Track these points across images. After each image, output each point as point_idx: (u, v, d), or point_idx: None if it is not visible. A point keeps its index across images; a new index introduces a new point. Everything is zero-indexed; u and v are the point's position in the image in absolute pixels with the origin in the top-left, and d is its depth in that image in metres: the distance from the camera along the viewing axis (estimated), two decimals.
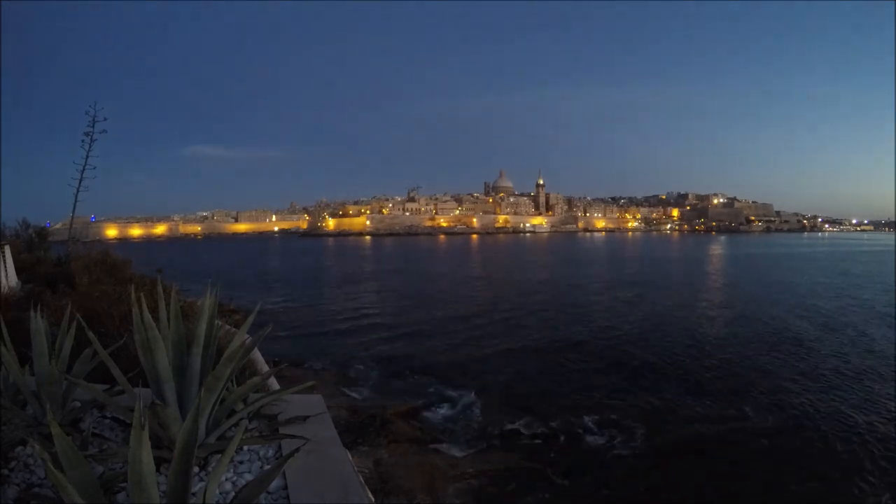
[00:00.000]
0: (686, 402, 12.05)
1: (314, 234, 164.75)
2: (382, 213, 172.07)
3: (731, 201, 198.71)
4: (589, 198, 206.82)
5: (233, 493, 1.76)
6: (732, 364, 15.12)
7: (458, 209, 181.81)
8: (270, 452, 2.09)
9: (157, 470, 1.35)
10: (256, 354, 5.09)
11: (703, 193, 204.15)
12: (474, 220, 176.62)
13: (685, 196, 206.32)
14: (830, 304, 26.23)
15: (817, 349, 16.87)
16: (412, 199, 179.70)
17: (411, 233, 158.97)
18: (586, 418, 10.80)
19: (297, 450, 1.71)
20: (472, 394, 12.48)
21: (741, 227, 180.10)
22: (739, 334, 19.07)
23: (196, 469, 1.85)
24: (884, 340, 18.07)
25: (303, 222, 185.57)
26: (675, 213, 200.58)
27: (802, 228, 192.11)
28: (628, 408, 11.55)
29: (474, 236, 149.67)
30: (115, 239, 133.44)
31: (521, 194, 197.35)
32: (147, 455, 1.28)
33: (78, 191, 9.71)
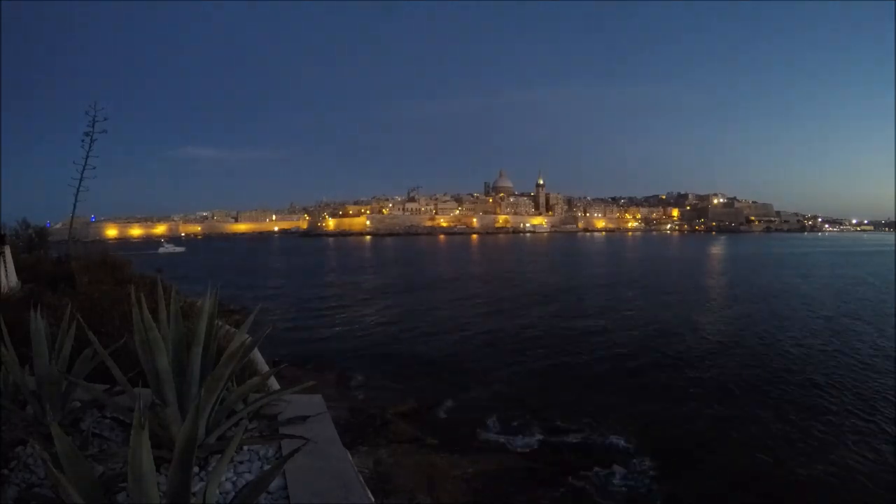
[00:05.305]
0: (685, 402, 12.05)
1: (314, 233, 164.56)
2: (382, 213, 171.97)
3: (731, 201, 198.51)
4: (589, 198, 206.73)
5: (233, 493, 1.76)
6: (734, 365, 15.13)
7: (458, 209, 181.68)
8: (270, 452, 2.09)
9: (157, 470, 1.35)
10: (256, 354, 5.08)
11: (703, 193, 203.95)
12: (474, 220, 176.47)
13: (685, 196, 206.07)
14: (830, 303, 26.21)
15: (817, 349, 16.87)
16: (412, 199, 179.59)
17: (411, 233, 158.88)
18: (586, 419, 10.80)
19: (297, 450, 1.71)
20: (472, 394, 12.49)
21: (741, 228, 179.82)
22: (739, 334, 19.07)
23: (196, 469, 1.85)
24: (884, 338, 18.06)
25: (303, 222, 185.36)
26: (675, 213, 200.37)
27: (802, 228, 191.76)
28: (628, 408, 11.55)
29: (474, 236, 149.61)
30: (115, 239, 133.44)
31: (521, 194, 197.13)
32: (147, 455, 1.28)
33: (78, 191, 9.72)
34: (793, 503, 8.10)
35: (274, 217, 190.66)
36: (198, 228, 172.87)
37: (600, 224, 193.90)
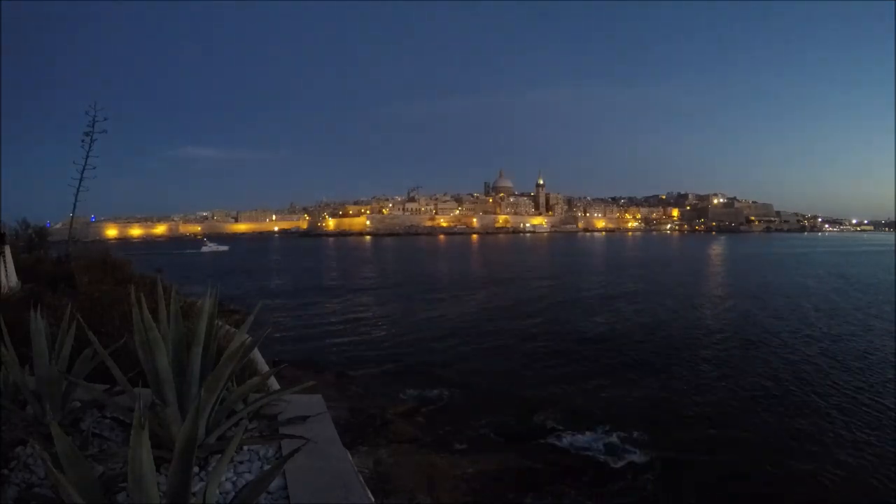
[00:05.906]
0: (683, 402, 12.05)
1: (314, 234, 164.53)
2: (382, 213, 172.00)
3: (731, 201, 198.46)
4: (589, 198, 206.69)
5: (233, 493, 1.76)
6: (736, 364, 15.12)
7: (458, 209, 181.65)
8: (270, 452, 2.09)
9: (157, 470, 1.35)
10: (256, 354, 5.08)
11: (703, 193, 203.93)
12: (474, 220, 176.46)
13: (685, 196, 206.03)
14: (829, 302, 26.20)
15: (820, 348, 16.86)
16: (412, 199, 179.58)
17: (411, 233, 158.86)
18: (585, 419, 10.80)
19: (297, 450, 1.70)
20: (473, 394, 12.48)
21: (741, 228, 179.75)
22: (741, 334, 19.06)
23: (196, 469, 1.85)
24: (883, 336, 18.05)
25: (303, 222, 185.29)
26: (675, 213, 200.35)
27: (802, 228, 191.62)
28: (627, 409, 11.55)
29: (474, 236, 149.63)
30: (115, 239, 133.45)
31: (521, 194, 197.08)
32: (147, 455, 1.28)
33: (78, 191, 9.69)
34: (794, 503, 8.09)
35: (274, 217, 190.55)
36: (198, 228, 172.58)
37: (600, 224, 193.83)
